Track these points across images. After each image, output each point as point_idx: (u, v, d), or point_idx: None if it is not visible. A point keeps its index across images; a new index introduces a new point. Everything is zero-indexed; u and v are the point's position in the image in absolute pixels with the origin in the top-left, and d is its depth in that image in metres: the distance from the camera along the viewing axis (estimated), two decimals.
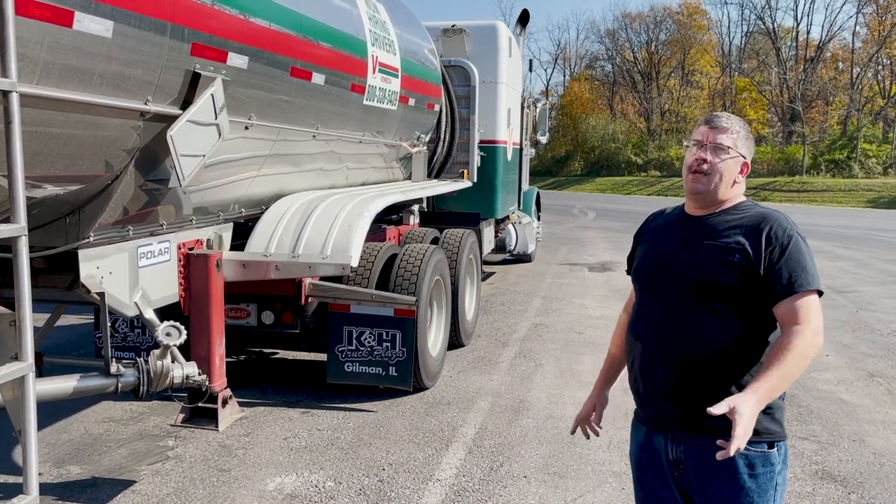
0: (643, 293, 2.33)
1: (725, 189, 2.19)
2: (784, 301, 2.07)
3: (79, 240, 3.36)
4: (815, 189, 36.36)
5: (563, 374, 6.20)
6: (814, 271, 2.11)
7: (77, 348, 6.76)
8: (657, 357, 2.21)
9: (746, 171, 2.23)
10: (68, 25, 2.65)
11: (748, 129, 2.26)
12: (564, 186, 45.58)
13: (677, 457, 2.19)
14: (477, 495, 3.99)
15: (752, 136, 2.27)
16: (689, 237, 2.22)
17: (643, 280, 2.34)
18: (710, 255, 2.14)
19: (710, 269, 2.13)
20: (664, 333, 2.20)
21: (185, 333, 3.56)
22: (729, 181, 2.18)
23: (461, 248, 6.91)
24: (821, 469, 4.38)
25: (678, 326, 2.16)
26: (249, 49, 3.94)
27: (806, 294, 2.07)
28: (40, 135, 2.80)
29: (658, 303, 2.24)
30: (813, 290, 2.09)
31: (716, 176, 2.16)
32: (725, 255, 2.11)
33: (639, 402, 2.34)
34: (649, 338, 2.25)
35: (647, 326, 2.27)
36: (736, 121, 2.24)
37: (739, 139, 2.19)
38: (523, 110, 11.34)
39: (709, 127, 2.21)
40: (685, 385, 2.15)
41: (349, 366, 5.25)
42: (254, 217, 4.96)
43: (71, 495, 3.92)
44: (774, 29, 48.16)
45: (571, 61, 63.18)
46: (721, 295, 2.11)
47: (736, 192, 2.23)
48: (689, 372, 2.14)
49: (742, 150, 2.20)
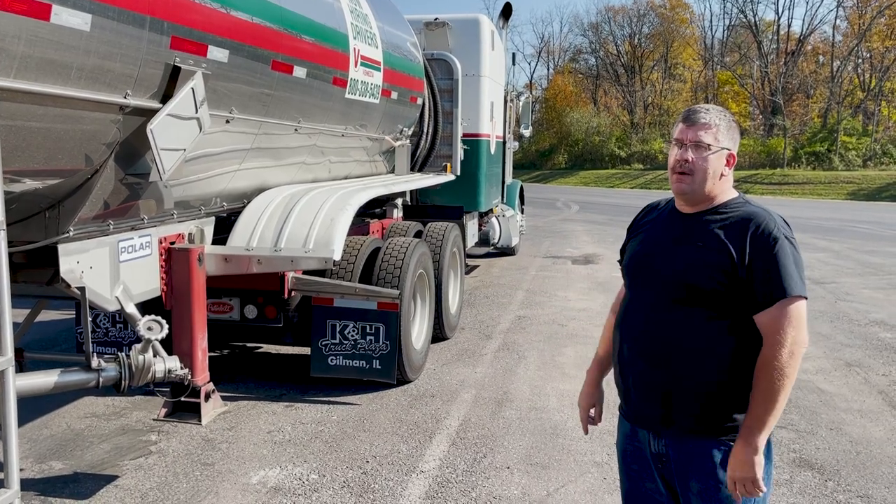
0: (630, 290, 2.34)
1: (712, 185, 2.15)
2: (764, 311, 2.04)
3: (58, 234, 3.34)
4: (795, 182, 36.70)
5: (546, 366, 6.25)
6: (798, 277, 2.04)
7: (58, 344, 6.72)
8: (639, 355, 2.22)
9: (733, 162, 2.17)
10: (45, 19, 2.64)
11: (730, 117, 2.20)
12: (548, 179, 45.68)
13: (659, 450, 2.22)
14: (460, 486, 4.02)
15: (735, 124, 2.20)
16: (676, 236, 2.20)
17: (631, 277, 2.35)
18: (694, 257, 2.12)
19: (693, 273, 2.11)
20: (646, 332, 2.20)
21: (167, 328, 3.54)
22: (715, 176, 2.14)
23: (444, 241, 6.93)
24: (798, 457, 4.45)
25: (660, 326, 2.17)
26: (230, 42, 3.92)
27: (787, 303, 2.02)
28: (18, 129, 2.78)
29: (642, 301, 2.24)
30: (796, 298, 2.02)
31: (699, 175, 2.12)
32: (709, 259, 2.09)
33: (622, 398, 2.36)
34: (632, 335, 2.25)
35: (631, 324, 2.27)
36: (715, 113, 2.18)
37: (720, 132, 2.13)
38: (506, 104, 11.36)
39: (686, 125, 2.16)
40: (665, 386, 2.16)
41: (333, 359, 5.25)
42: (236, 211, 4.94)
43: (53, 490, 3.91)
44: (756, 22, 48.42)
45: (555, 54, 63.28)
46: (703, 298, 2.09)
47: (725, 186, 2.18)
48: (669, 373, 2.15)
49: (725, 142, 2.14)
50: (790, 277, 2.03)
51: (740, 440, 2.04)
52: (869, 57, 45.00)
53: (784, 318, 2.01)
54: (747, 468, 2.02)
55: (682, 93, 52.18)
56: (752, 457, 2.01)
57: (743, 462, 2.02)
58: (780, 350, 2.00)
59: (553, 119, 53.11)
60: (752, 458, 2.01)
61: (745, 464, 2.02)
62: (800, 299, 2.03)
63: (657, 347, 2.17)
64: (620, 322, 2.33)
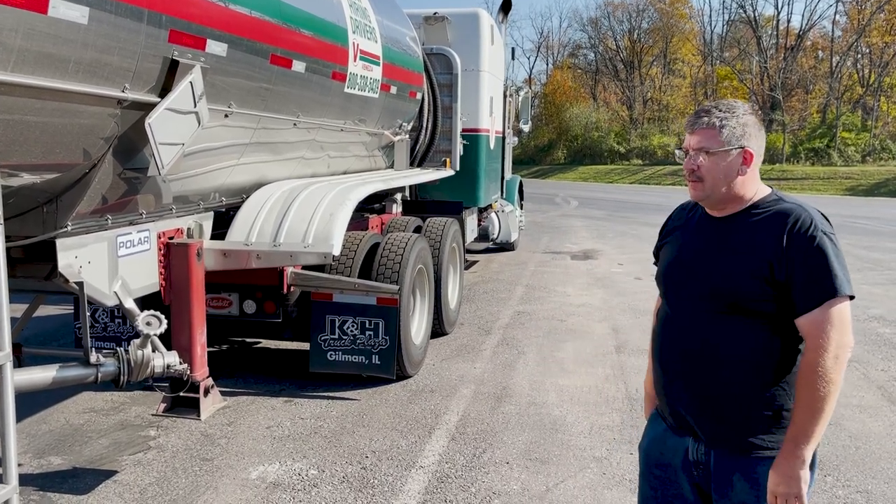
0: (666, 298, 2.25)
1: (729, 187, 2.04)
2: (806, 315, 1.92)
3: (56, 229, 3.33)
4: (794, 177, 36.68)
5: (546, 362, 6.24)
6: (841, 274, 1.92)
7: (57, 339, 6.71)
8: (678, 366, 2.14)
9: (751, 159, 2.03)
10: (43, 12, 2.62)
11: (741, 112, 2.05)
12: (547, 175, 45.65)
13: (699, 458, 2.14)
14: (460, 482, 4.01)
15: (750, 118, 2.05)
16: (710, 242, 2.11)
17: (665, 286, 2.25)
18: (728, 263, 2.03)
19: (729, 280, 2.01)
20: (685, 341, 2.12)
21: (166, 323, 3.54)
22: (728, 178, 2.03)
23: (444, 236, 6.92)
24: None
25: (698, 335, 2.08)
26: (228, 36, 3.90)
27: (831, 304, 1.90)
28: (16, 123, 2.77)
29: (679, 310, 2.16)
30: (840, 298, 1.91)
31: (709, 180, 2.04)
32: (744, 264, 1.99)
33: (662, 403, 2.27)
34: (671, 344, 2.18)
35: (669, 334, 2.19)
36: (720, 112, 2.05)
37: (727, 130, 2.01)
38: (506, 99, 11.33)
39: (689, 132, 2.08)
40: (705, 395, 2.08)
41: (332, 354, 5.25)
42: (235, 206, 4.93)
43: (52, 486, 3.90)
44: (755, 17, 48.36)
45: (554, 49, 63.14)
46: (741, 306, 2.00)
47: (751, 185, 2.07)
48: (709, 383, 2.06)
49: (734, 141, 2.02)
50: (834, 277, 1.91)
51: (784, 452, 1.92)
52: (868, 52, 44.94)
53: (827, 320, 1.90)
54: (792, 483, 1.90)
55: (681, 88, 52.13)
56: (798, 471, 1.90)
57: (787, 476, 1.91)
58: (823, 355, 1.89)
59: (552, 114, 53.04)
60: (798, 472, 1.90)
61: (790, 478, 1.90)
62: (844, 299, 1.92)
63: (696, 357, 2.08)
64: (660, 329, 2.25)
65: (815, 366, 1.90)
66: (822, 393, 1.89)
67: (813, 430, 1.90)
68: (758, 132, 2.06)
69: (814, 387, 1.89)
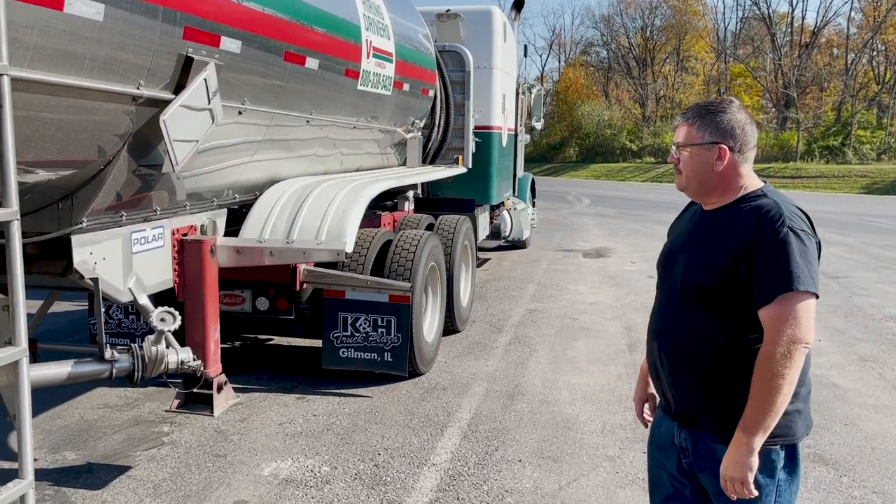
0: (657, 287, 2.36)
1: (704, 181, 2.12)
2: (765, 307, 1.96)
3: (71, 225, 3.34)
4: (808, 175, 36.42)
5: (558, 360, 6.23)
6: (801, 272, 1.93)
7: (72, 334, 6.75)
8: (661, 352, 2.23)
9: (725, 155, 2.08)
10: (59, 8, 2.63)
11: (717, 110, 2.11)
12: (559, 173, 45.54)
13: (682, 443, 2.22)
14: (472, 479, 4.01)
15: (733, 115, 2.10)
16: (694, 234, 2.20)
17: (658, 275, 2.36)
18: (702, 255, 2.11)
19: (700, 271, 2.09)
20: (665, 329, 2.22)
21: (180, 319, 3.55)
22: (703, 172, 2.11)
23: (456, 234, 6.91)
24: (812, 452, 4.41)
25: (675, 324, 2.18)
26: (242, 33, 3.91)
27: (788, 297, 1.92)
28: (32, 119, 2.78)
29: (662, 297, 2.27)
30: (798, 293, 1.92)
31: (686, 172, 2.15)
32: (715, 257, 2.06)
33: (655, 387, 2.39)
34: (655, 332, 2.28)
35: (655, 321, 2.30)
36: (697, 108, 2.14)
37: (697, 126, 2.10)
38: (518, 96, 11.31)
39: (674, 128, 2.21)
40: (681, 382, 2.17)
41: (344, 352, 5.25)
42: (248, 203, 4.94)
43: (66, 481, 3.92)
44: (769, 14, 48.04)
45: (566, 47, 62.99)
46: (708, 296, 2.07)
47: (733, 181, 2.11)
48: (683, 370, 2.16)
49: (708, 136, 2.08)
50: (792, 272, 1.92)
51: (734, 439, 1.98)
52: (884, 49, 44.54)
53: (782, 314, 1.93)
54: (737, 468, 1.96)
55: (694, 86, 51.87)
56: (744, 457, 1.95)
57: (735, 461, 1.97)
58: (775, 348, 1.92)
59: (564, 112, 52.91)
60: (744, 458, 1.95)
61: (737, 464, 1.96)
62: (804, 294, 1.93)
63: (672, 345, 2.18)
64: (650, 318, 2.36)
65: (767, 359, 1.94)
66: (771, 386, 1.92)
67: (762, 421, 1.94)
68: (741, 130, 2.09)
69: (764, 379, 1.94)
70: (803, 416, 2.09)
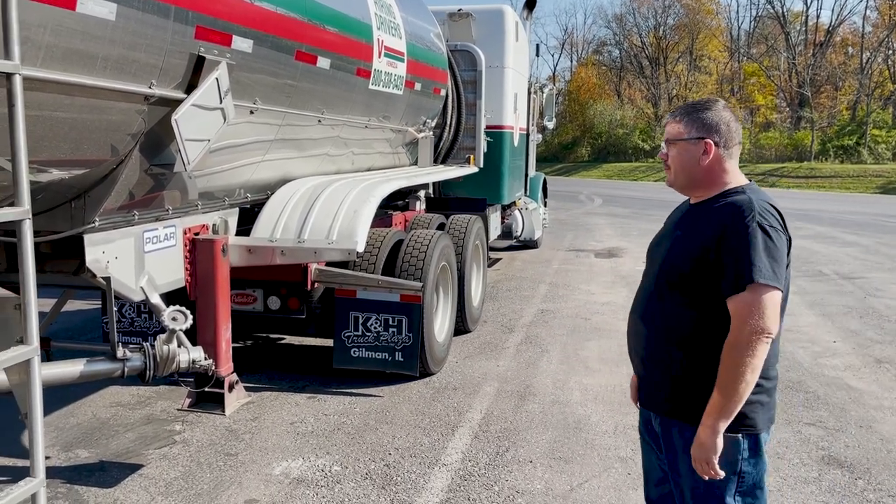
0: (642, 275, 2.46)
1: (691, 175, 2.23)
2: (730, 298, 2.05)
3: (84, 224, 3.36)
4: (823, 175, 36.12)
5: (569, 360, 6.20)
6: (763, 265, 2.01)
7: (85, 333, 6.79)
8: (635, 339, 2.38)
9: (711, 149, 2.18)
10: (71, 8, 2.64)
11: (704, 107, 2.23)
12: (571, 172, 45.41)
13: (657, 428, 2.35)
14: (483, 480, 3.99)
15: (717, 113, 2.21)
16: (676, 226, 2.31)
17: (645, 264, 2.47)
18: (678, 246, 2.22)
19: (675, 261, 2.20)
20: (641, 317, 2.33)
21: (191, 318, 3.55)
22: (691, 167, 2.21)
23: (467, 233, 6.90)
24: (827, 454, 4.37)
25: (648, 312, 2.29)
26: (254, 33, 3.91)
27: (751, 290, 2.01)
28: (45, 119, 2.79)
29: (642, 287, 2.38)
30: (760, 286, 2.01)
31: (674, 167, 2.26)
32: (688, 248, 2.17)
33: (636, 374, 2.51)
34: (633, 320, 2.40)
35: (633, 308, 2.41)
36: (686, 106, 2.27)
37: (684, 122, 2.21)
38: (530, 95, 11.27)
39: (664, 127, 2.33)
40: (651, 369, 2.30)
41: (355, 351, 5.25)
42: (259, 202, 4.95)
43: (79, 479, 3.94)
44: (783, 13, 47.71)
45: (578, 46, 62.82)
46: (678, 285, 2.17)
47: (718, 176, 2.21)
48: (654, 358, 2.28)
49: (694, 132, 2.19)
50: (755, 264, 2.01)
51: (702, 422, 2.10)
52: None
53: (745, 305, 2.02)
54: (702, 450, 2.09)
55: (707, 85, 51.57)
56: (708, 439, 2.07)
57: (699, 443, 2.09)
58: (738, 337, 2.02)
59: (576, 111, 52.76)
60: (708, 440, 2.07)
61: (702, 445, 2.08)
62: (766, 287, 2.01)
63: (646, 332, 2.30)
64: (632, 304, 2.46)
65: (731, 347, 2.04)
66: (732, 374, 2.03)
67: (724, 407, 2.04)
68: (726, 127, 2.20)
69: (727, 367, 2.04)
70: (766, 408, 2.18)
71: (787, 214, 2.26)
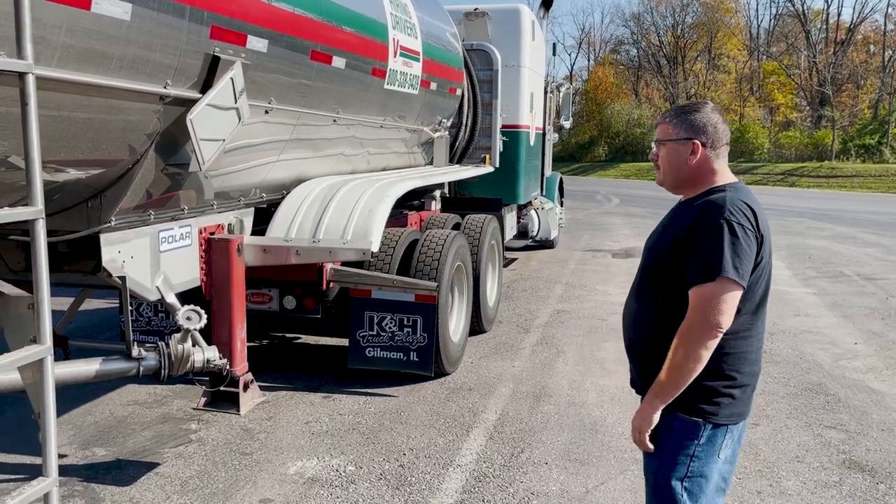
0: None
1: (679, 174, 2.30)
2: (690, 289, 2.12)
3: (100, 224, 3.37)
4: (844, 175, 35.69)
5: (586, 361, 6.16)
6: (726, 260, 2.05)
7: (103, 332, 6.85)
8: (623, 328, 2.49)
9: (699, 150, 2.25)
10: (86, 8, 2.64)
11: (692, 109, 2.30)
12: (588, 172, 45.20)
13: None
14: (497, 481, 3.97)
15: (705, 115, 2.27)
16: (664, 222, 2.39)
17: None
18: (657, 242, 2.31)
19: (654, 256, 2.29)
20: (627, 307, 2.45)
21: (206, 317, 3.56)
22: (679, 167, 2.29)
23: (483, 233, 6.87)
24: (848, 458, 4.30)
25: (632, 303, 2.40)
26: (269, 32, 3.91)
27: (709, 285, 2.07)
28: (61, 119, 2.81)
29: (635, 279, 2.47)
30: (721, 280, 2.06)
31: (664, 167, 2.34)
32: (665, 243, 2.25)
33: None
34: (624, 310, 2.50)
35: (626, 300, 2.50)
36: (675, 108, 2.35)
37: (674, 123, 2.28)
38: (546, 95, 11.22)
39: (655, 128, 2.41)
40: (632, 358, 2.41)
41: (370, 351, 5.24)
42: (276, 202, 4.95)
43: (96, 477, 3.96)
44: (804, 11, 47.24)
45: (596, 46, 62.57)
46: (657, 276, 2.27)
47: (706, 175, 2.27)
48: (634, 345, 2.39)
49: (683, 132, 2.26)
50: (716, 259, 2.06)
51: (645, 396, 2.24)
52: None
53: (702, 297, 2.08)
54: (637, 420, 2.26)
55: (726, 84, 51.17)
56: (646, 413, 2.22)
57: (638, 414, 2.26)
58: (688, 326, 2.10)
59: (593, 111, 52.52)
60: (646, 414, 2.22)
61: (641, 417, 2.24)
62: (727, 282, 2.06)
63: (628, 321, 2.42)
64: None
65: (680, 335, 2.12)
66: (674, 359, 2.13)
67: (666, 389, 2.16)
68: (713, 128, 2.27)
69: (674, 351, 2.13)
70: (736, 402, 2.22)
71: (807, 214, 2.25)
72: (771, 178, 36.10)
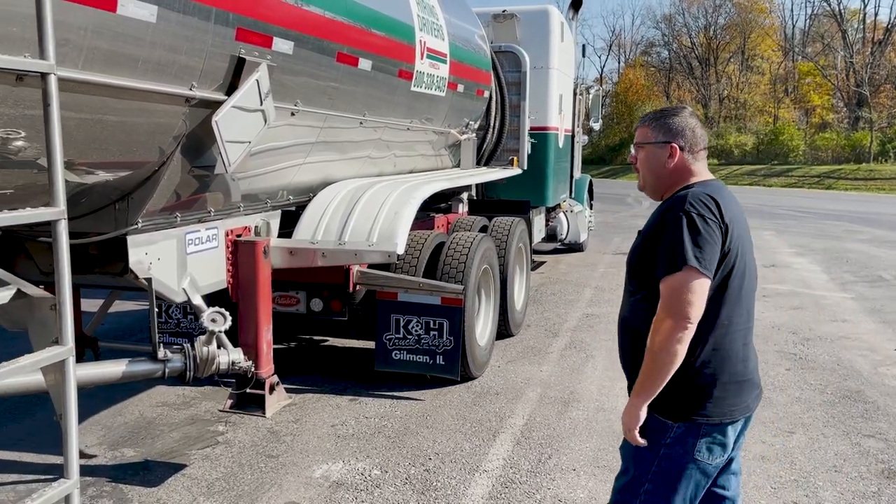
0: None
1: (658, 177, 2.34)
2: (660, 282, 2.12)
3: (127, 226, 3.39)
4: (882, 177, 34.88)
5: (615, 366, 6.03)
6: (687, 251, 2.05)
7: (133, 333, 6.92)
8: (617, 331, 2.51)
9: (676, 153, 2.29)
10: (112, 10, 2.65)
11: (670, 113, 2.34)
12: (619, 175, 44.78)
13: None
14: (524, 487, 3.91)
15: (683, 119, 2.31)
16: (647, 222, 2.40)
17: None
18: (635, 241, 2.36)
19: (633, 255, 2.34)
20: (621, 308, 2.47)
21: (230, 319, 3.56)
22: (658, 170, 2.33)
23: (510, 236, 6.81)
24: (887, 468, 4.16)
25: (622, 304, 2.43)
26: (295, 34, 3.91)
27: (675, 276, 2.07)
28: (88, 121, 2.82)
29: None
30: (685, 271, 2.06)
31: (642, 170, 2.39)
32: (639, 242, 2.30)
33: None
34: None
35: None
36: (655, 113, 2.38)
37: (652, 127, 2.33)
38: (576, 97, 11.12)
39: (634, 132, 2.45)
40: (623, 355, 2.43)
41: (397, 354, 5.22)
42: (302, 204, 4.95)
43: (124, 477, 3.99)
44: (840, 11, 46.34)
45: (626, 48, 62.02)
46: (634, 276, 2.31)
47: (685, 177, 2.30)
48: (622, 345, 2.42)
49: (661, 136, 2.30)
50: (679, 249, 2.07)
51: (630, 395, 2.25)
52: None
53: (667, 289, 2.09)
54: (624, 418, 2.26)
55: (759, 85, 50.40)
56: (632, 411, 2.21)
57: (626, 412, 2.25)
58: (657, 321, 2.11)
59: (624, 113, 52.08)
60: (632, 412, 2.21)
61: (626, 415, 2.24)
62: (692, 272, 2.06)
63: (619, 322, 2.45)
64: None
65: (652, 330, 2.12)
66: (647, 356, 2.13)
67: (644, 385, 2.16)
68: (691, 132, 2.31)
69: (648, 347, 2.13)
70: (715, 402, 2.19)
71: (844, 217, 2.18)
72: (807, 181, 35.43)
